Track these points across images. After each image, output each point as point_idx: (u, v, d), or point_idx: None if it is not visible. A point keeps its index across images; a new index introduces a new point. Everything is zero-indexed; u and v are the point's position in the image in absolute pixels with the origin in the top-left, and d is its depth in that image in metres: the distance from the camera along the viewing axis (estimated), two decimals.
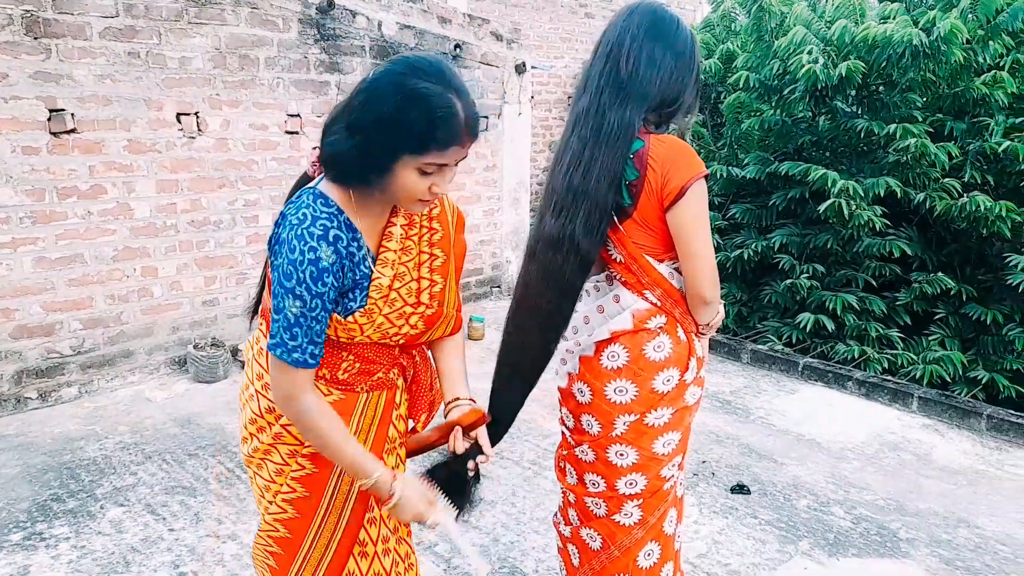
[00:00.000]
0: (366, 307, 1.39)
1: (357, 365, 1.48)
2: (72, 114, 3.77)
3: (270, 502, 1.52)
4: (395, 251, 1.44)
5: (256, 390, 1.51)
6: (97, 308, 4.03)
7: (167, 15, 4.01)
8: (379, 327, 1.42)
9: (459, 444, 1.56)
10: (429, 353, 1.66)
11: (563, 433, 1.92)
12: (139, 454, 3.38)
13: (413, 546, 1.74)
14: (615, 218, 1.67)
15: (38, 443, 3.48)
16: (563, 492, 1.97)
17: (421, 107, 1.24)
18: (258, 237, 4.61)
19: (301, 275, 1.28)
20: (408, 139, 1.25)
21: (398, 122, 1.24)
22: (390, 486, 1.42)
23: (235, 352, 4.47)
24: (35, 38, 3.61)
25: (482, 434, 1.59)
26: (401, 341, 1.50)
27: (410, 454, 1.66)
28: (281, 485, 1.50)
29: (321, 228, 1.30)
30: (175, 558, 2.62)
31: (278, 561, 1.54)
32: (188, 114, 4.18)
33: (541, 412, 3.81)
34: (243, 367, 4.44)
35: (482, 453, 1.58)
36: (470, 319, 5.10)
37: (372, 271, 1.40)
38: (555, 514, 2.03)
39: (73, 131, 3.79)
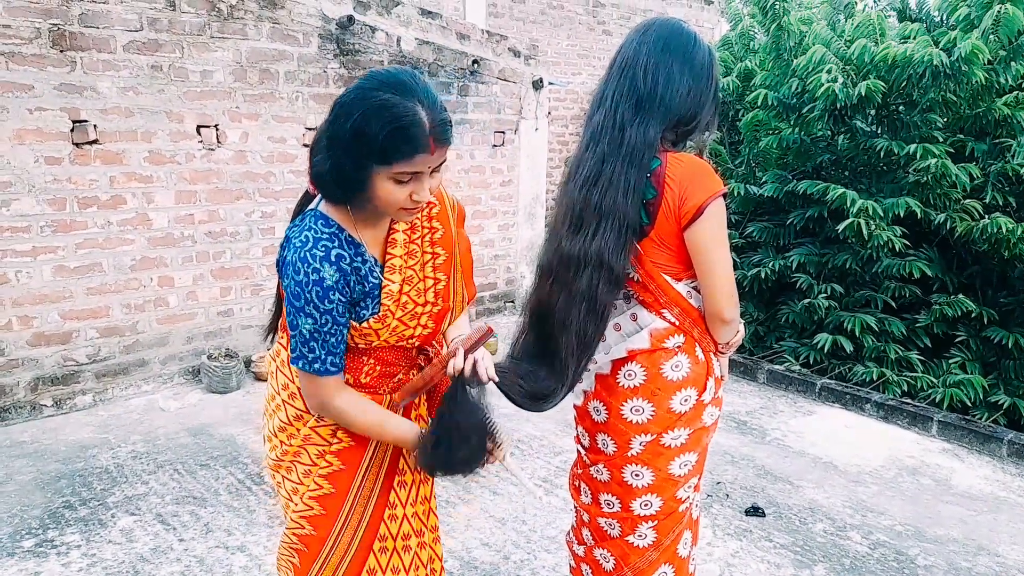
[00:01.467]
0: (379, 313, 1.45)
1: (378, 368, 1.54)
2: (95, 125, 3.85)
3: (297, 502, 1.56)
4: (401, 256, 1.49)
5: (283, 400, 1.56)
6: (113, 317, 4.08)
7: (190, 29, 4.08)
8: (394, 330, 1.48)
9: (459, 361, 1.48)
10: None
11: (578, 452, 1.92)
12: (151, 463, 3.40)
13: (441, 555, 1.77)
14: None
15: (52, 450, 3.51)
16: (576, 511, 1.96)
17: (382, 118, 1.26)
18: (274, 249, 4.65)
19: (308, 295, 1.34)
20: (372, 151, 1.28)
21: (363, 135, 1.27)
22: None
23: (248, 363, 4.50)
24: (61, 51, 3.69)
25: (482, 357, 1.53)
26: (416, 342, 1.56)
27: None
28: (309, 484, 1.54)
29: (323, 249, 1.36)
30: (184, 568, 2.63)
31: (302, 559, 1.57)
32: (208, 126, 4.25)
33: (554, 429, 3.80)
34: (255, 378, 4.48)
35: (481, 384, 1.51)
36: None
37: (382, 279, 1.46)
38: (568, 533, 2.03)
39: (95, 142, 3.86)
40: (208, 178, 4.31)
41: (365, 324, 1.44)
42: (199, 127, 4.22)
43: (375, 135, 1.26)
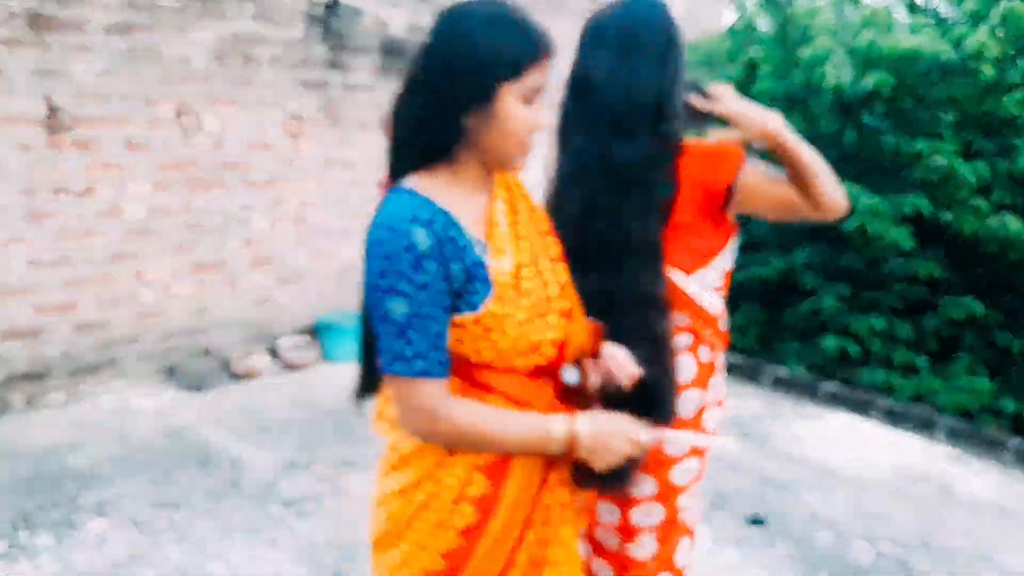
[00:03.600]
0: (496, 295, 1.21)
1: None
2: (69, 111, 3.84)
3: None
4: (506, 235, 1.28)
5: (408, 453, 1.31)
6: (87, 312, 4.07)
7: (170, 11, 4.08)
8: (520, 336, 1.23)
9: (631, 366, 1.36)
10: None
11: None
12: (125, 465, 3.41)
13: None
14: None
15: (23, 450, 3.51)
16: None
17: (502, 20, 1.17)
18: (252, 242, 4.65)
19: (399, 268, 1.14)
20: (499, 61, 1.16)
21: (483, 45, 1.15)
22: (573, 427, 1.24)
23: (225, 362, 4.50)
24: (36, 33, 3.68)
25: (610, 352, 1.38)
26: (543, 360, 1.29)
27: None
28: (435, 546, 1.29)
29: (410, 211, 1.17)
30: (159, 575, 2.64)
31: None
32: (186, 112, 4.24)
33: None
34: (232, 377, 4.45)
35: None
36: None
37: (485, 261, 1.22)
38: None
39: (70, 128, 3.85)
40: (185, 167, 4.30)
41: (483, 310, 1.19)
42: (177, 113, 4.21)
43: (503, 42, 1.15)
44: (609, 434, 1.25)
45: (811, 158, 1.61)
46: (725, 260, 1.74)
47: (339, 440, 3.74)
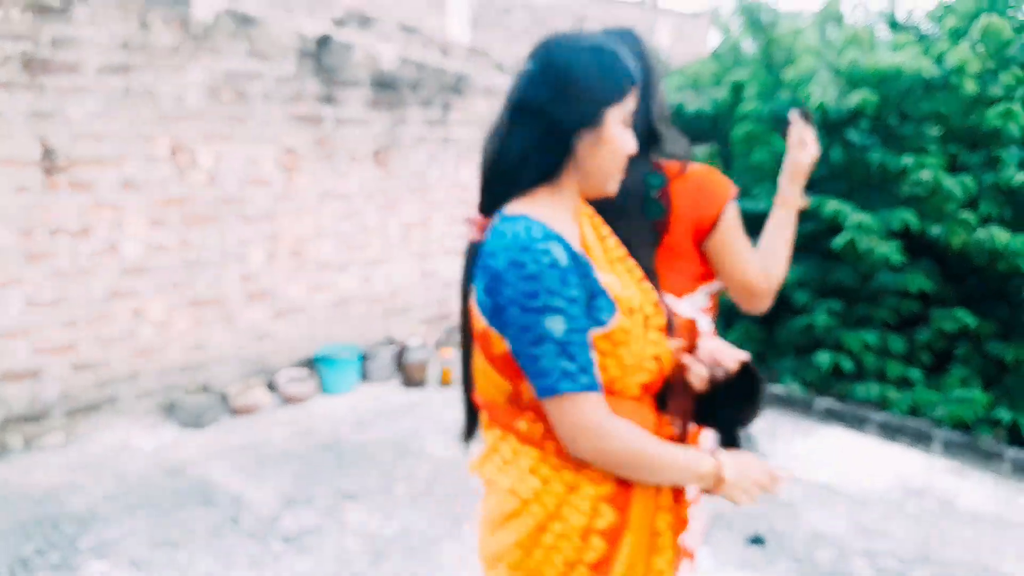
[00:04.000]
0: (617, 313, 1.23)
1: None
2: (64, 152, 3.87)
3: None
4: (602, 257, 1.34)
5: (529, 497, 1.27)
6: (85, 351, 4.07)
7: (163, 51, 4.12)
8: (642, 349, 1.27)
9: (730, 359, 1.38)
10: None
11: None
12: (124, 505, 3.39)
13: None
14: None
15: (21, 492, 3.49)
16: None
17: (606, 53, 1.25)
18: (249, 277, 4.67)
19: (548, 284, 1.15)
20: (610, 87, 1.24)
21: (596, 73, 1.23)
22: (721, 470, 1.26)
23: (224, 397, 4.50)
24: (31, 76, 3.72)
25: (708, 343, 1.42)
26: (652, 371, 1.31)
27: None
28: None
29: (539, 231, 1.18)
30: None
31: None
32: (182, 150, 4.28)
33: None
34: (232, 413, 4.44)
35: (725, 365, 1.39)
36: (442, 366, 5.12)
37: (601, 279, 1.25)
38: None
39: (65, 168, 3.88)
40: (181, 204, 4.33)
41: (613, 325, 1.22)
42: (172, 151, 4.24)
43: (607, 66, 1.24)
44: (750, 474, 1.29)
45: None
46: (713, 284, 1.77)
47: (340, 473, 3.72)
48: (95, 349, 4.11)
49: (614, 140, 1.26)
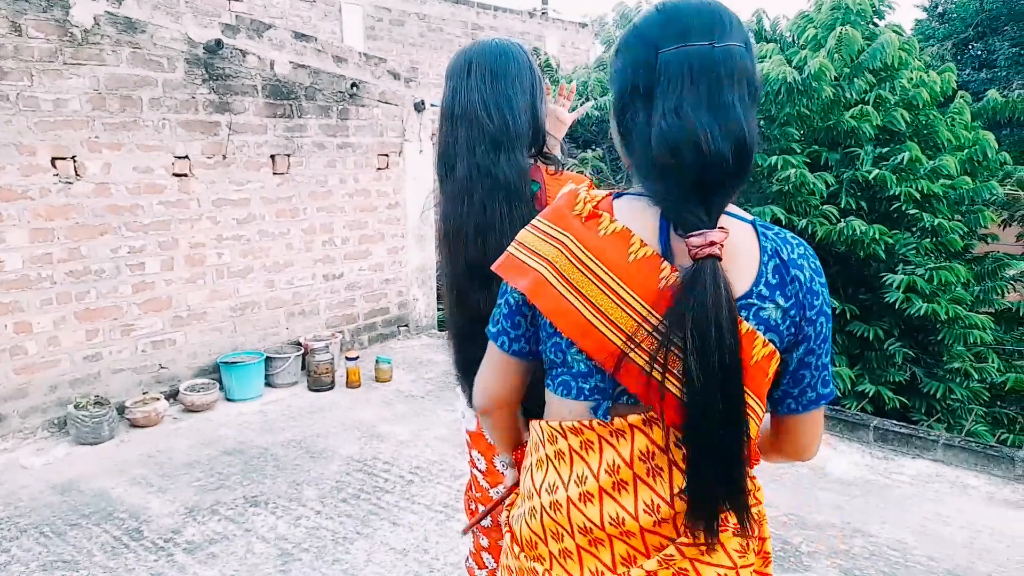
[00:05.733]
0: None
1: None
2: None
3: None
4: None
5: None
6: None
7: (40, 55, 3.83)
8: None
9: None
10: None
11: (473, 475, 1.92)
12: (12, 528, 3.13)
13: None
14: None
15: None
16: (475, 535, 1.96)
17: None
18: (144, 285, 4.41)
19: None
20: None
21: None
22: None
23: (122, 409, 4.23)
24: None
25: None
26: None
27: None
28: None
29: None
30: None
31: None
32: (64, 158, 3.99)
33: (452, 452, 3.78)
34: (130, 425, 4.19)
35: None
36: (376, 360, 5.03)
37: None
38: (467, 559, 2.02)
39: None
40: (67, 213, 4.04)
41: None
42: (54, 159, 3.95)
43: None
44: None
45: None
46: None
47: (246, 479, 3.57)
48: None
49: None
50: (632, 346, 0.97)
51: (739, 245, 1.01)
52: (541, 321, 1.07)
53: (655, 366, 0.95)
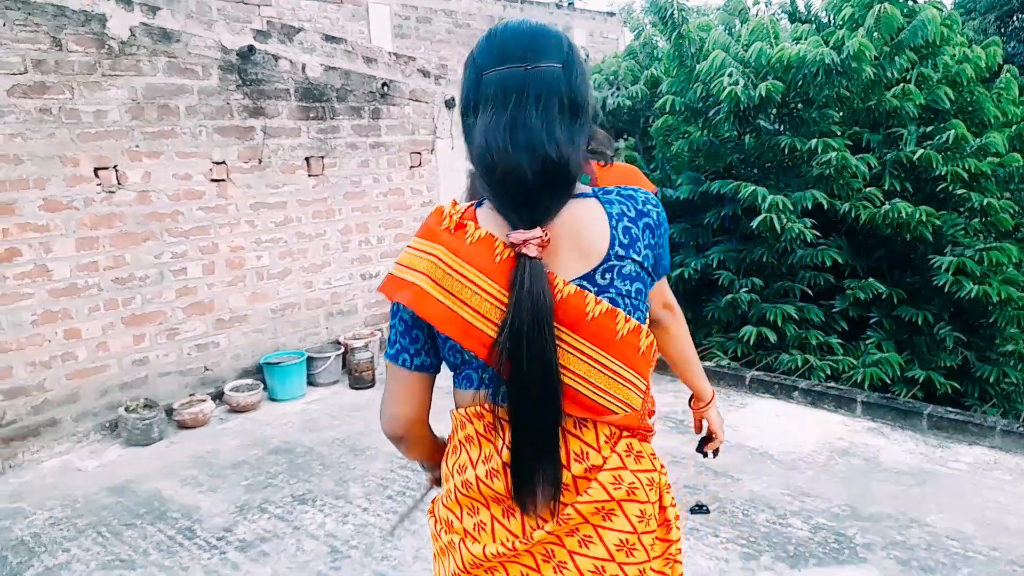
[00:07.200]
0: None
1: None
2: None
3: None
4: None
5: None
6: (17, 377, 3.84)
7: (80, 68, 3.91)
8: None
9: None
10: None
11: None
12: (71, 529, 3.21)
13: None
14: None
15: None
16: None
17: None
18: (187, 290, 4.49)
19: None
20: None
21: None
22: None
23: (170, 411, 4.31)
24: None
25: None
26: None
27: None
28: None
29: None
30: None
31: None
32: (106, 168, 4.07)
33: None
34: (179, 427, 4.29)
35: None
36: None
37: None
38: None
39: None
40: (111, 222, 4.13)
41: None
42: (96, 169, 4.04)
43: None
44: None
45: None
46: None
47: (293, 478, 3.61)
48: (29, 373, 3.88)
49: None
50: (500, 334, 1.08)
51: (588, 220, 1.12)
52: (435, 330, 1.15)
53: (496, 348, 1.08)
